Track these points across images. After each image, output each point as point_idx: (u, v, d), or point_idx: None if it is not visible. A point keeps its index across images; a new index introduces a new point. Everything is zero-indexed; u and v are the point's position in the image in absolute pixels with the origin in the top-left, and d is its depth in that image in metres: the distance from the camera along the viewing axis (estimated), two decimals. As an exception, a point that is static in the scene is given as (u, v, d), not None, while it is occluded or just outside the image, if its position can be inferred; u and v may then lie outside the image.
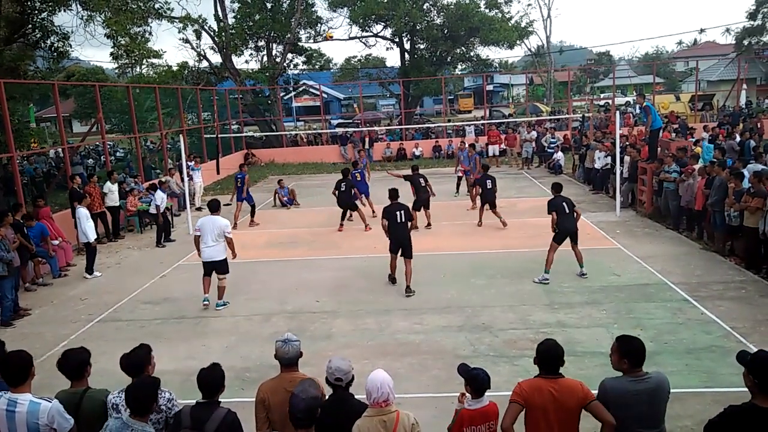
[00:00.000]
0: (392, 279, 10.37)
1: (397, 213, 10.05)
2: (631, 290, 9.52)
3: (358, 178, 15.82)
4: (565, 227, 10.05)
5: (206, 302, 9.82)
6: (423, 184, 14.24)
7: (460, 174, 18.40)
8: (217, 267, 9.66)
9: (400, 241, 10.03)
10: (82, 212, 11.94)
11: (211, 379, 3.99)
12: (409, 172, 14.88)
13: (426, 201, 14.34)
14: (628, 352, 4.02)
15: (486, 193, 14.21)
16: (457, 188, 18.68)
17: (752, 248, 10.16)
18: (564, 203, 10.14)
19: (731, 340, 7.55)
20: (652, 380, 3.96)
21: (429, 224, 14.49)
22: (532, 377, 4.11)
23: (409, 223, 10.16)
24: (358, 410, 3.88)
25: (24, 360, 4.06)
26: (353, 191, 14.79)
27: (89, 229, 11.92)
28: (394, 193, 10.35)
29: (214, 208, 9.69)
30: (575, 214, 10.20)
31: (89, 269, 11.95)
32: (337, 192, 14.77)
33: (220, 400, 4.02)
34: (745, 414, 3.42)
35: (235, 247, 9.86)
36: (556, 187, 10.60)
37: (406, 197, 14.41)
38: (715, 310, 8.49)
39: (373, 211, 15.58)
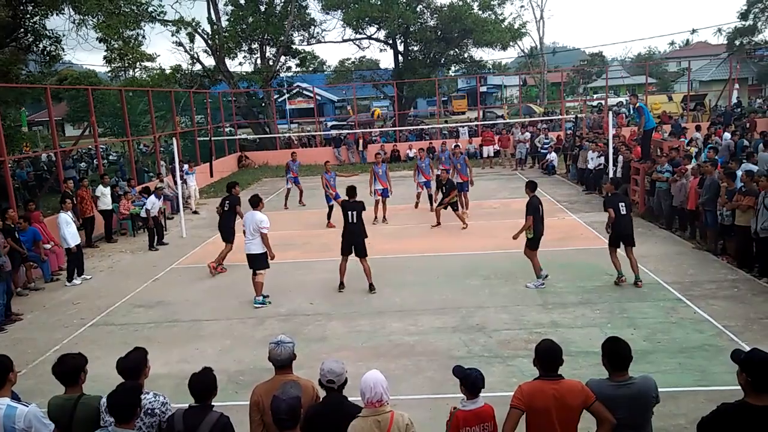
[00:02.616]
0: (341, 285, 10.15)
1: (350, 213, 9.84)
2: (625, 290, 9.55)
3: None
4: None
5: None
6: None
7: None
8: (252, 261, 9.75)
9: (351, 241, 9.87)
10: (63, 217, 11.73)
11: (203, 383, 3.97)
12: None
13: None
14: (608, 354, 4.03)
15: (619, 223, 9.81)
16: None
17: (744, 247, 10.21)
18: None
19: (724, 339, 7.59)
20: (633, 387, 3.94)
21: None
22: (532, 379, 4.08)
23: (363, 221, 9.95)
24: (351, 412, 3.87)
25: (2, 364, 4.07)
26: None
27: (69, 235, 11.67)
28: (351, 191, 10.14)
29: (254, 203, 9.76)
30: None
31: (70, 276, 11.79)
32: (222, 210, 11.83)
33: (213, 403, 4.00)
34: (737, 412, 3.42)
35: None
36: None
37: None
38: (707, 309, 8.53)
39: (375, 217, 15.42)
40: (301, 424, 4.07)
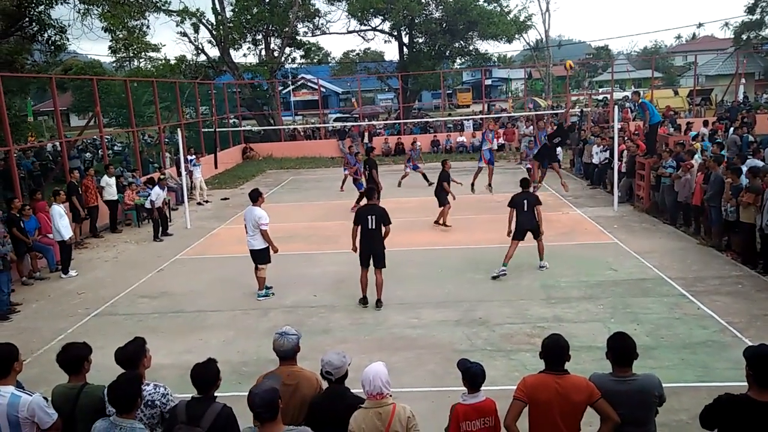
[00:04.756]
0: (363, 301, 9.20)
1: (369, 218, 8.81)
2: (628, 285, 9.55)
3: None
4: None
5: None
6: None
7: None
8: (254, 256, 9.70)
9: (370, 251, 8.92)
10: (56, 209, 11.72)
11: (205, 374, 3.96)
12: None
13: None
14: (613, 349, 4.03)
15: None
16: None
17: (749, 243, 10.18)
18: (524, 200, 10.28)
19: (727, 335, 7.58)
20: (636, 383, 3.94)
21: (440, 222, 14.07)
22: (537, 372, 4.09)
23: (384, 228, 8.92)
24: (353, 403, 3.90)
25: (8, 353, 4.09)
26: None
27: (63, 227, 11.64)
28: (369, 193, 9.33)
29: (254, 198, 9.68)
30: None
31: (65, 269, 11.80)
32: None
33: (216, 394, 4.01)
34: (739, 404, 3.48)
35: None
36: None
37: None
38: (711, 305, 8.52)
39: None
40: (305, 415, 4.10)
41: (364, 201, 10.11)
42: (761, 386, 3.48)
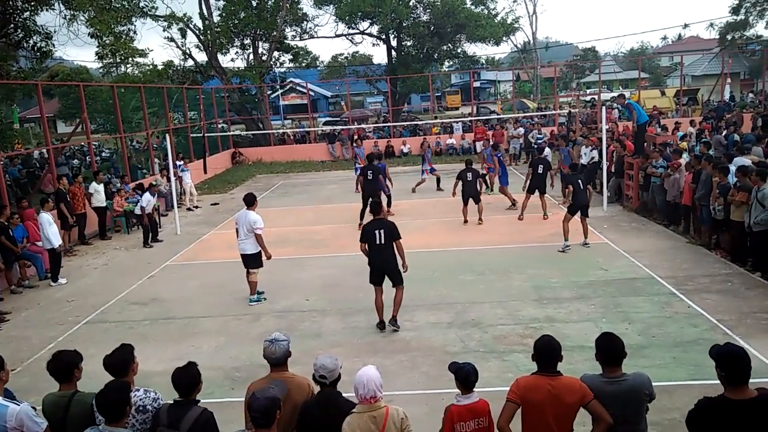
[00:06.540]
0: (381, 324, 8.36)
1: (377, 233, 8.12)
2: (619, 284, 9.58)
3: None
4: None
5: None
6: (470, 179, 14.08)
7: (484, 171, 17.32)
8: (246, 261, 9.62)
9: (382, 269, 8.22)
10: (44, 217, 11.60)
11: (185, 378, 3.96)
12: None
13: (473, 195, 14.16)
14: (600, 350, 4.06)
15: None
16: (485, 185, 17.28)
17: (738, 241, 10.25)
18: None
19: (718, 333, 7.62)
20: (625, 383, 3.96)
21: (479, 220, 14.21)
22: (530, 374, 4.09)
23: (395, 243, 8.14)
24: (345, 408, 3.87)
25: None
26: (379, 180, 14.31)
27: (52, 235, 11.54)
28: (375, 208, 8.47)
29: (249, 202, 9.56)
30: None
31: (54, 277, 11.68)
32: (363, 179, 14.44)
33: (199, 399, 4.00)
34: (717, 406, 3.49)
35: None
36: None
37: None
38: (701, 303, 8.57)
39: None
40: (297, 419, 4.08)
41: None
42: (733, 385, 3.49)
